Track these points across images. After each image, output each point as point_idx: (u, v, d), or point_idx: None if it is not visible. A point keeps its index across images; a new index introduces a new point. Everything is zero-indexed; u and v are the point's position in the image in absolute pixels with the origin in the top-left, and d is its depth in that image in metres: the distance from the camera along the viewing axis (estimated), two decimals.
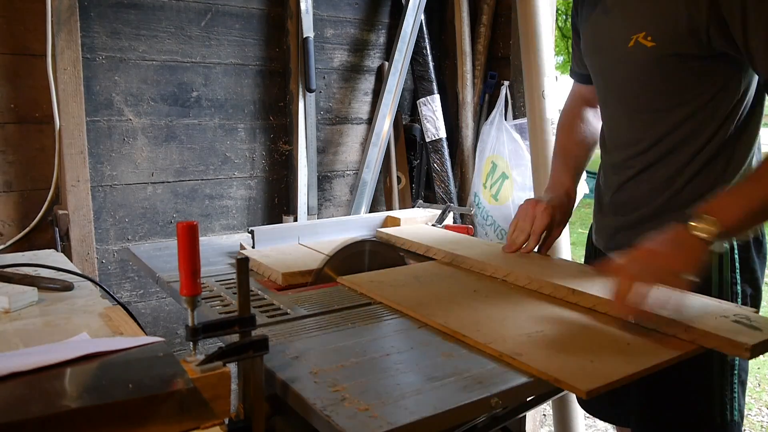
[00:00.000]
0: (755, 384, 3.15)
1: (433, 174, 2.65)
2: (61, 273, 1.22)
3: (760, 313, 1.02)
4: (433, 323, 1.00)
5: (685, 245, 1.01)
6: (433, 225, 1.74)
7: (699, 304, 1.03)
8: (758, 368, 3.31)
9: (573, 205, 1.36)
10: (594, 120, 1.49)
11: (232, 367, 0.76)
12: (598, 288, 1.08)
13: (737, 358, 1.18)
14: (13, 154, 1.90)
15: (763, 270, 1.24)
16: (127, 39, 2.04)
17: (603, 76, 1.29)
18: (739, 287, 1.19)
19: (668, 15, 1.10)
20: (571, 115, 1.49)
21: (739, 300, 1.19)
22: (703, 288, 1.20)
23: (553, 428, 2.36)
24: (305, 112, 2.35)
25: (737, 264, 1.20)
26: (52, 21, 1.81)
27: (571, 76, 1.54)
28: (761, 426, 2.75)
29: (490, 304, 1.08)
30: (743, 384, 1.22)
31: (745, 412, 2.83)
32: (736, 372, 1.18)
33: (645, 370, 0.83)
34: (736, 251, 1.20)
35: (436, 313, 1.03)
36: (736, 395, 1.19)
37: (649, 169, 1.23)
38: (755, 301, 1.22)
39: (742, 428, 1.22)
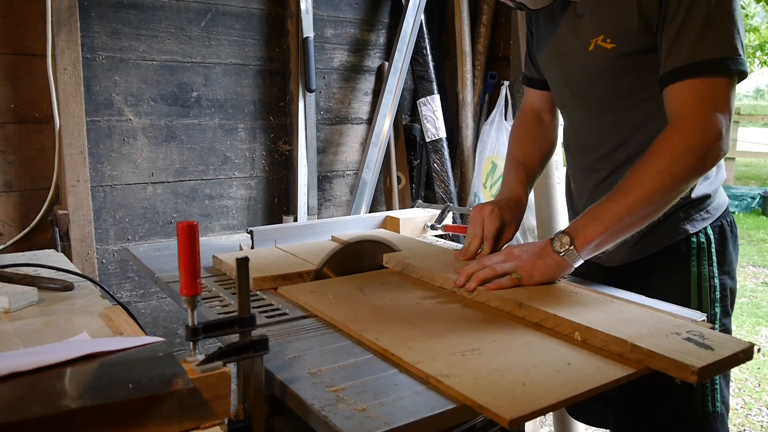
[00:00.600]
0: (755, 384, 3.15)
1: (433, 174, 2.65)
2: (61, 273, 1.22)
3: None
4: (365, 339, 0.92)
5: (544, 258, 1.11)
6: (432, 225, 1.74)
7: (652, 320, 0.96)
8: (758, 368, 3.31)
9: (523, 208, 1.36)
10: (547, 130, 1.50)
11: (232, 367, 0.76)
12: (547, 302, 1.02)
13: None
14: (13, 154, 1.90)
15: (737, 261, 1.28)
16: (127, 39, 2.04)
17: (566, 82, 1.30)
18: (717, 280, 1.21)
19: (623, 14, 1.12)
20: (523, 127, 1.50)
21: (717, 293, 1.21)
22: (683, 282, 1.20)
23: (553, 428, 2.36)
24: (305, 112, 2.35)
25: (714, 258, 1.22)
26: (52, 21, 1.82)
27: (524, 82, 1.54)
28: (761, 426, 2.76)
29: (431, 318, 1.00)
30: (726, 375, 1.23)
31: (745, 412, 2.84)
32: None
33: (580, 395, 0.76)
34: (713, 245, 1.22)
35: (371, 328, 0.95)
36: (717, 386, 1.19)
37: (620, 169, 1.23)
38: (733, 294, 1.24)
39: (727, 420, 1.22)
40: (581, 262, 1.12)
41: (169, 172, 2.18)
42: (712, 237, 1.22)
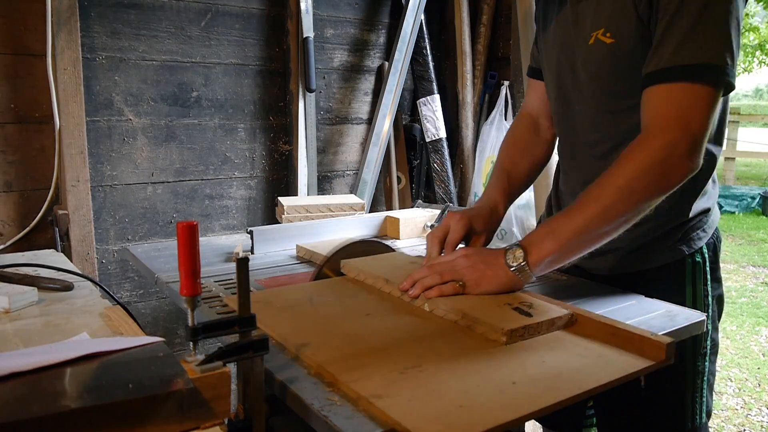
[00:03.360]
0: (755, 384, 3.15)
1: (433, 174, 2.65)
2: (61, 273, 1.22)
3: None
4: (303, 355, 0.86)
5: (495, 269, 1.05)
6: (432, 225, 1.74)
7: (499, 297, 1.03)
8: (758, 368, 3.31)
9: (499, 218, 1.30)
10: (542, 139, 1.41)
11: (232, 367, 0.76)
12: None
13: (707, 364, 1.18)
14: (13, 154, 1.90)
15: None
16: (127, 39, 2.04)
17: (568, 75, 1.22)
18: (710, 298, 1.18)
19: (622, 8, 1.06)
20: (516, 134, 1.42)
21: (710, 310, 1.18)
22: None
23: None
24: (305, 112, 2.35)
25: (708, 276, 1.18)
26: (52, 21, 1.82)
27: (529, 75, 1.46)
28: (761, 426, 2.76)
29: (377, 331, 0.94)
30: (711, 387, 1.21)
31: (745, 412, 2.84)
32: (705, 378, 1.19)
33: (520, 419, 0.71)
34: (707, 264, 1.18)
35: (312, 342, 0.90)
36: (704, 399, 1.19)
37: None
38: (721, 301, 1.22)
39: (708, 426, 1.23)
40: (533, 279, 1.06)
41: (169, 172, 2.18)
42: (706, 255, 1.18)
